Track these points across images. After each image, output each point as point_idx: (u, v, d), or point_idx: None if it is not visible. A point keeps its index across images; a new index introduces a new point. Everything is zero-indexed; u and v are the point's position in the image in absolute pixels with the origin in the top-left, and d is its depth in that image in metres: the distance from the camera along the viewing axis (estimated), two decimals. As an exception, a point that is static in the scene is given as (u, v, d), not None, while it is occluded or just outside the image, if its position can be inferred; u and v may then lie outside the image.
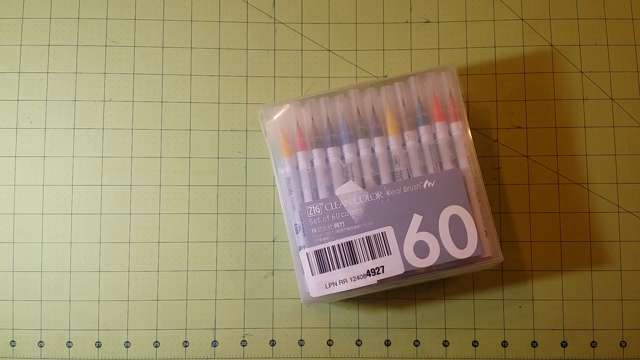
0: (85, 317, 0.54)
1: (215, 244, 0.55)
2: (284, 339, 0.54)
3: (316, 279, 0.49)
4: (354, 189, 0.50)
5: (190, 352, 0.54)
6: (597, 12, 0.57)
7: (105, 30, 0.57)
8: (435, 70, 0.52)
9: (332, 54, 0.57)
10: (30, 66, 0.56)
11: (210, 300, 0.55)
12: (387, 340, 0.54)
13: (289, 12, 0.58)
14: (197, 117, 0.56)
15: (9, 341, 0.54)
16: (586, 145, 0.56)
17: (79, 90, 0.56)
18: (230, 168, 0.56)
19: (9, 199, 0.55)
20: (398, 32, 0.57)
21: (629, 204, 0.55)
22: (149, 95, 0.56)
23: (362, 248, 0.49)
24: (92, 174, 0.56)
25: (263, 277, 0.55)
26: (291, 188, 0.51)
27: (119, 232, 0.55)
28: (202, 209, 0.55)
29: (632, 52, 0.57)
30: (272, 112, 0.52)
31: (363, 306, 0.55)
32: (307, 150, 0.51)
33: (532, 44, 0.57)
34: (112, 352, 0.54)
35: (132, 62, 0.57)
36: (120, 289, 0.55)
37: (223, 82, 0.57)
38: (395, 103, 0.52)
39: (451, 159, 0.51)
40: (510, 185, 0.56)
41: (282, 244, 0.55)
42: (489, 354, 0.54)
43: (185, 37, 0.57)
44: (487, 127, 0.56)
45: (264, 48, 0.57)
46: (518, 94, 0.56)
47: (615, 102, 0.56)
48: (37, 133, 0.56)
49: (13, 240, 0.55)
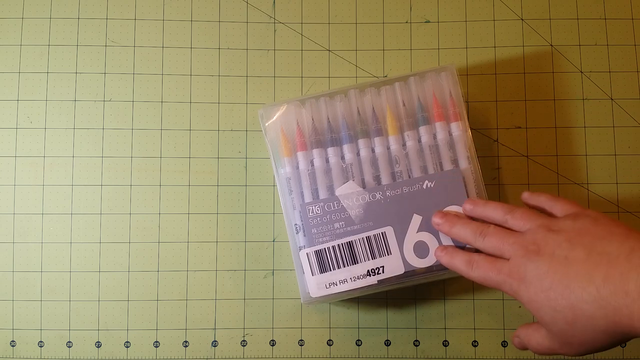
0: (85, 317, 0.54)
1: (215, 244, 0.55)
2: (284, 339, 0.54)
3: (316, 279, 0.49)
4: (354, 189, 0.50)
5: (190, 352, 0.54)
6: (597, 12, 0.57)
7: (105, 30, 0.57)
8: (435, 71, 0.52)
9: (332, 54, 0.57)
10: (30, 66, 0.56)
11: (210, 300, 0.55)
12: (387, 340, 0.54)
13: (289, 12, 0.58)
14: (197, 117, 0.56)
15: (9, 341, 0.54)
16: (586, 145, 0.56)
17: (79, 90, 0.56)
18: (230, 168, 0.56)
19: (9, 199, 0.55)
20: (398, 32, 0.57)
21: (629, 204, 0.55)
22: (149, 95, 0.56)
23: (362, 248, 0.49)
24: (92, 174, 0.56)
25: (263, 277, 0.55)
26: (291, 188, 0.51)
27: (119, 232, 0.55)
28: (202, 209, 0.55)
29: (632, 52, 0.57)
30: (272, 112, 0.52)
31: (363, 306, 0.55)
32: (307, 151, 0.51)
33: (532, 44, 0.57)
34: (112, 352, 0.54)
35: (132, 62, 0.57)
36: (120, 289, 0.55)
37: (223, 82, 0.57)
38: (396, 103, 0.52)
39: (451, 159, 0.51)
40: (510, 185, 0.56)
41: (282, 244, 0.55)
42: (489, 354, 0.54)
43: (185, 37, 0.57)
44: (487, 127, 0.56)
45: (264, 48, 0.57)
46: (518, 94, 0.56)
47: (615, 102, 0.56)
48: (37, 133, 0.56)
49: (13, 240, 0.55)
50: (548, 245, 0.41)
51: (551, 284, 0.39)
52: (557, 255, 0.40)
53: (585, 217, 0.42)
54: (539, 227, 0.42)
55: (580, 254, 0.39)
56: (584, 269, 0.38)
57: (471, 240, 0.45)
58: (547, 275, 0.40)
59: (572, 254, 0.39)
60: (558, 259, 0.40)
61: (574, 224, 0.41)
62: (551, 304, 0.39)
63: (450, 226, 0.47)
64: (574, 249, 0.40)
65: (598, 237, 0.40)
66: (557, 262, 0.40)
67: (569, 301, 0.38)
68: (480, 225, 0.45)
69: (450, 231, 0.47)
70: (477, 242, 0.45)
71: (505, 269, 0.42)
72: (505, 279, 0.42)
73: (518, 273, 0.41)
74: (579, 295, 0.38)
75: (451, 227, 0.47)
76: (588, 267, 0.38)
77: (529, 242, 0.42)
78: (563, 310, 0.39)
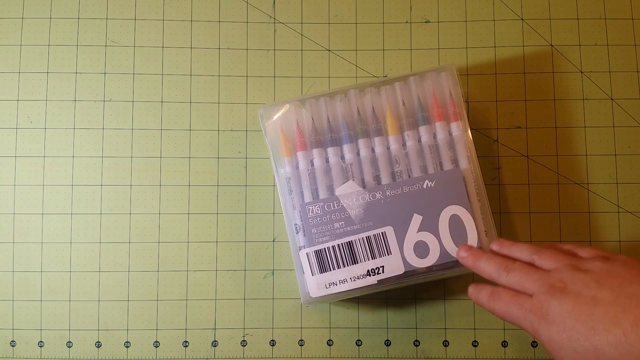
0: (85, 317, 0.54)
1: (215, 244, 0.55)
2: (284, 339, 0.54)
3: (316, 279, 0.49)
4: (354, 189, 0.50)
5: (190, 352, 0.54)
6: (597, 12, 0.57)
7: (105, 30, 0.57)
8: (435, 70, 0.52)
9: (332, 54, 0.57)
10: (30, 66, 0.56)
11: (210, 300, 0.55)
12: (387, 340, 0.54)
13: (289, 12, 0.58)
14: (197, 117, 0.56)
15: (9, 341, 0.54)
16: (586, 145, 0.56)
17: (79, 90, 0.56)
18: (230, 168, 0.56)
19: (9, 199, 0.55)
20: (398, 32, 0.57)
21: (629, 204, 0.55)
22: (149, 95, 0.56)
23: (362, 248, 0.49)
24: (92, 174, 0.56)
25: (263, 277, 0.55)
26: (291, 188, 0.51)
27: (119, 232, 0.55)
28: (202, 209, 0.55)
29: (632, 52, 0.57)
30: (272, 112, 0.52)
31: (363, 306, 0.55)
32: (307, 150, 0.51)
33: (532, 44, 0.57)
34: (112, 352, 0.54)
35: (132, 62, 0.57)
36: (120, 289, 0.55)
37: (223, 82, 0.57)
38: (396, 103, 0.52)
39: (451, 159, 0.51)
40: (510, 185, 0.56)
41: (282, 244, 0.55)
42: (489, 354, 0.54)
43: (185, 37, 0.57)
44: (487, 127, 0.56)
45: (264, 48, 0.57)
46: (518, 94, 0.56)
47: (615, 102, 0.56)
48: (37, 133, 0.56)
49: (13, 240, 0.55)
50: (575, 284, 0.39)
51: (575, 323, 0.37)
52: (583, 295, 0.38)
53: (616, 260, 0.40)
54: (566, 266, 0.41)
55: (609, 295, 0.37)
56: (612, 312, 0.37)
57: (495, 276, 0.43)
58: (571, 314, 0.38)
59: (600, 295, 0.38)
60: (584, 299, 0.38)
61: (602, 265, 0.40)
62: (573, 345, 0.37)
63: (474, 260, 0.45)
64: (602, 289, 0.38)
65: (627, 280, 0.38)
66: (583, 302, 0.38)
67: (593, 343, 0.37)
68: (506, 260, 0.44)
69: (475, 265, 0.45)
70: (501, 278, 0.43)
71: (527, 304, 0.40)
72: (526, 315, 0.40)
73: (541, 310, 0.39)
74: (604, 338, 0.36)
75: (475, 261, 0.45)
76: (616, 310, 0.37)
77: (555, 279, 0.40)
78: (585, 352, 0.37)
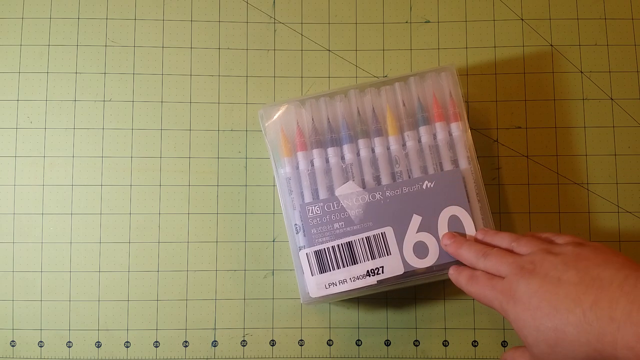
0: (85, 317, 0.54)
1: (215, 244, 0.55)
2: (284, 339, 0.54)
3: (316, 279, 0.49)
4: (354, 189, 0.50)
5: (190, 352, 0.54)
6: (597, 12, 0.57)
7: (105, 30, 0.57)
8: (435, 71, 0.52)
9: (332, 54, 0.57)
10: (30, 66, 0.56)
11: (210, 300, 0.55)
12: (387, 340, 0.54)
13: (289, 12, 0.58)
14: (197, 117, 0.56)
15: (9, 341, 0.54)
16: (586, 145, 0.56)
17: (79, 90, 0.56)
18: (230, 168, 0.56)
19: (9, 199, 0.55)
20: (398, 32, 0.57)
21: (629, 204, 0.55)
22: (149, 95, 0.56)
23: (362, 248, 0.49)
24: (92, 174, 0.56)
25: (263, 277, 0.55)
26: (291, 188, 0.51)
27: (119, 232, 0.55)
28: (202, 209, 0.55)
29: (632, 52, 0.57)
30: (272, 112, 0.52)
31: (363, 306, 0.55)
32: (307, 151, 0.51)
33: (532, 44, 0.57)
34: (112, 352, 0.54)
35: (132, 62, 0.57)
36: (120, 289, 0.55)
37: (223, 82, 0.57)
38: (396, 103, 0.52)
39: (451, 160, 0.51)
40: (510, 185, 0.56)
41: (282, 244, 0.55)
42: (489, 354, 0.54)
43: (185, 37, 0.57)
44: (487, 127, 0.56)
45: (264, 48, 0.57)
46: (518, 94, 0.56)
47: (615, 102, 0.56)
48: (37, 133, 0.56)
49: (13, 240, 0.55)
50: (543, 266, 0.40)
51: (539, 303, 0.39)
52: (550, 276, 0.40)
53: (587, 245, 0.42)
54: (540, 250, 0.42)
55: (574, 277, 0.39)
56: (574, 292, 0.38)
57: (474, 261, 0.45)
58: (536, 294, 0.39)
59: (565, 276, 0.39)
60: (550, 279, 0.39)
61: (573, 249, 0.41)
62: (536, 323, 0.39)
63: (456, 247, 0.47)
64: (567, 271, 0.39)
65: (594, 263, 0.39)
66: (549, 283, 0.39)
67: (554, 322, 0.38)
68: (485, 247, 0.46)
69: (457, 252, 0.47)
70: (479, 263, 0.45)
71: (499, 285, 0.42)
72: (497, 296, 0.42)
73: (510, 290, 0.41)
74: (564, 317, 0.37)
75: (457, 248, 0.47)
76: (578, 291, 0.38)
77: (527, 262, 0.42)
78: (546, 331, 0.38)
